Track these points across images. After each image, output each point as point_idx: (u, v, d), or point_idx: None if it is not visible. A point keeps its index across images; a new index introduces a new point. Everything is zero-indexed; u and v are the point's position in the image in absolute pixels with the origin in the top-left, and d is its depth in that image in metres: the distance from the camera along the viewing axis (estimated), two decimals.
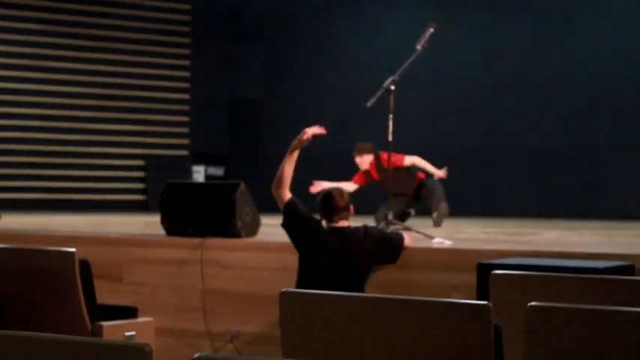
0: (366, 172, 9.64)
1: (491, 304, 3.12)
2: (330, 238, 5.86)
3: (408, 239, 6.35)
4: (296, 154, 6.15)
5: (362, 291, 5.79)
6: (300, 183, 9.66)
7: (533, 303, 3.04)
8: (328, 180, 9.10)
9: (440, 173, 9.59)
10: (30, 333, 2.27)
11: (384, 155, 9.16)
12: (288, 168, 6.11)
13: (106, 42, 16.23)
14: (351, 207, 5.98)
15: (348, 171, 9.92)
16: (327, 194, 5.94)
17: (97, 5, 16.18)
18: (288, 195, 6.12)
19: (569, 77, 14.03)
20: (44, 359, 2.19)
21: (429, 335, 3.14)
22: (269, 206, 6.48)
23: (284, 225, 6.15)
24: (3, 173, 15.38)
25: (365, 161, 9.58)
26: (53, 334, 2.27)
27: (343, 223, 5.97)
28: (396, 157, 9.09)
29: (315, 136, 6.21)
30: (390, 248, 6.09)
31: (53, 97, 15.82)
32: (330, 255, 5.79)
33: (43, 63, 15.76)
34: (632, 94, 13.63)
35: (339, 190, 5.98)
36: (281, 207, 6.18)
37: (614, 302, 3.65)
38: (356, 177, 9.71)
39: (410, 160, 9.47)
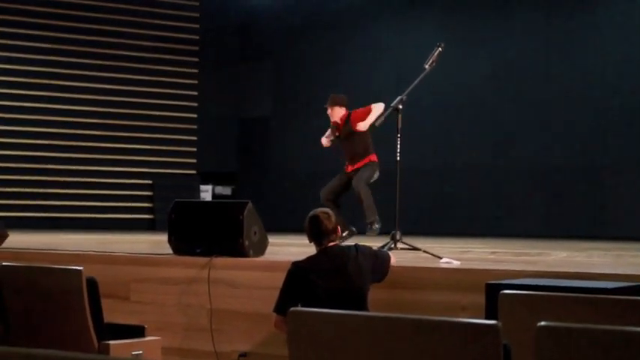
0: (335, 125, 9.47)
1: (500, 324, 3.10)
2: (320, 262, 5.78)
3: (394, 258, 6.31)
4: None
5: (365, 310, 5.72)
6: (312, 202, 9.68)
7: (543, 323, 3.02)
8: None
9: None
10: (37, 350, 2.25)
11: (356, 113, 9.09)
12: None
13: (114, 61, 16.28)
14: (339, 228, 5.93)
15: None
16: (315, 217, 5.84)
17: (105, 24, 16.24)
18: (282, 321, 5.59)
19: (578, 95, 14.04)
20: None
21: (438, 355, 3.12)
22: (276, 226, 6.47)
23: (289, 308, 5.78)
24: (10, 191, 15.40)
25: (336, 113, 9.43)
26: (60, 351, 2.26)
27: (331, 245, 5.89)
28: (360, 115, 9.01)
29: None
30: (381, 266, 6.05)
31: (61, 116, 15.87)
32: (323, 278, 5.71)
33: (51, 81, 15.82)
34: None
35: (327, 213, 5.89)
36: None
37: (624, 322, 3.63)
38: (327, 134, 9.52)
39: (373, 113, 9.07)
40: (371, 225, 8.60)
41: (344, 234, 8.69)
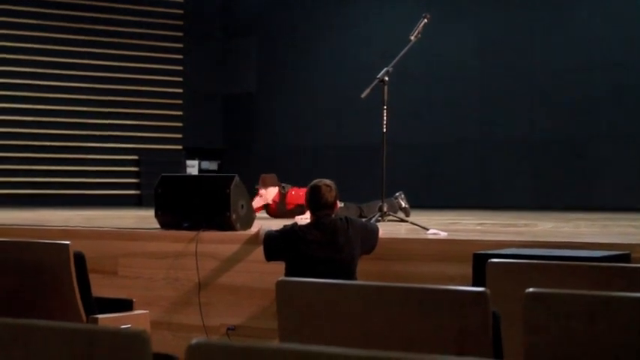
0: (266, 205, 9.47)
1: (489, 291, 3.11)
2: (310, 233, 5.81)
3: (381, 230, 6.33)
4: None
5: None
6: (298, 177, 9.66)
7: (531, 289, 3.03)
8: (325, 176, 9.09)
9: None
10: (27, 321, 2.25)
11: (290, 193, 9.14)
12: None
13: (99, 36, 16.19)
14: (337, 203, 5.97)
15: (343, 164, 9.90)
16: (316, 188, 5.87)
17: (89, 0, 16.15)
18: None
19: (565, 68, 14.03)
20: (42, 347, 2.17)
21: (427, 322, 3.13)
22: None
23: (270, 258, 6.11)
24: None
25: (269, 193, 9.41)
26: (50, 322, 2.25)
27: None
28: (297, 195, 9.04)
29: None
30: (371, 237, 6.08)
31: (46, 92, 15.78)
32: (314, 249, 5.74)
33: (36, 57, 15.72)
34: (628, 84, 13.63)
35: (329, 186, 5.92)
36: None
37: (612, 289, 3.64)
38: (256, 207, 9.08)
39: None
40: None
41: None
